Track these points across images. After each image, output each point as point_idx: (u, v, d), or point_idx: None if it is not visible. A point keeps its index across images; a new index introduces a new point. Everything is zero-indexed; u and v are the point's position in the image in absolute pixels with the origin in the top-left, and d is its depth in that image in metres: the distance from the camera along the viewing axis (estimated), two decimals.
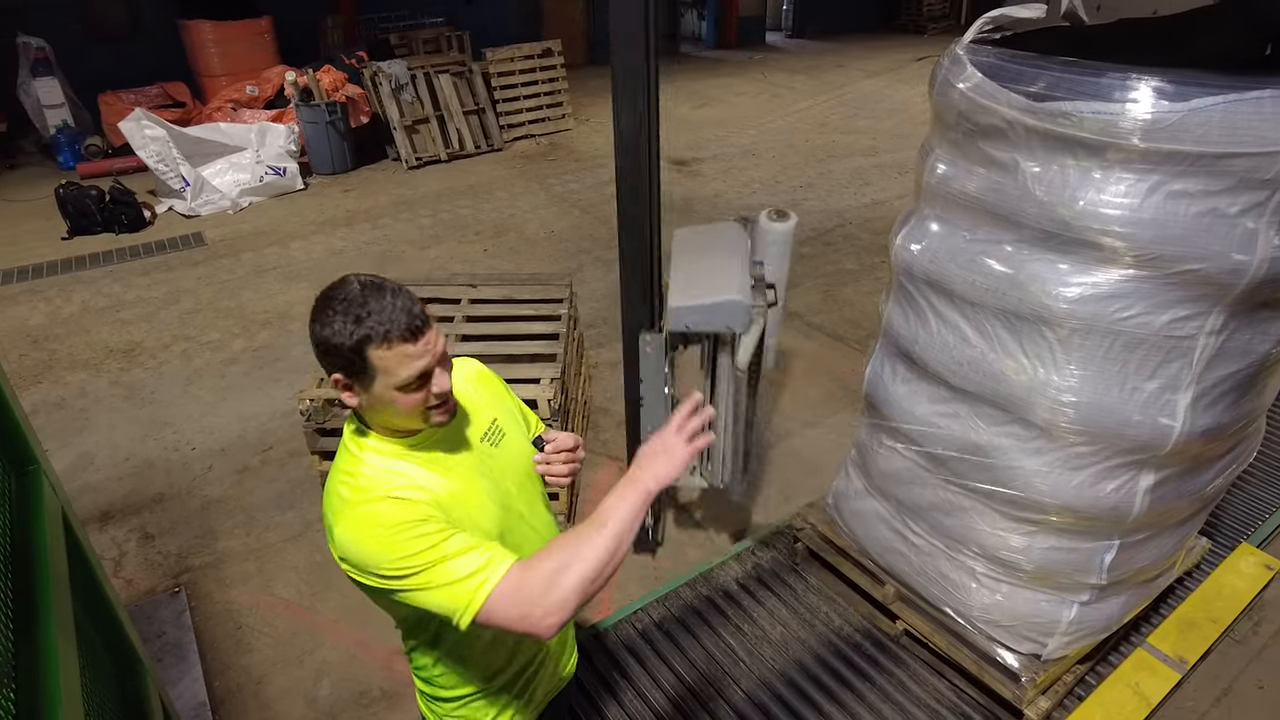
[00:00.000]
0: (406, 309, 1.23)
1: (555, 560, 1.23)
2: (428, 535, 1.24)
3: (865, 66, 13.08)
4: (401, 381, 1.24)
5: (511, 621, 1.22)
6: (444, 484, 1.34)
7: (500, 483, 1.46)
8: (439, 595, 1.23)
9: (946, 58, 2.16)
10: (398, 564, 1.24)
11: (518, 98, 9.35)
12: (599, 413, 4.30)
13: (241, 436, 4.18)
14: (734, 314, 2.49)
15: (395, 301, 1.22)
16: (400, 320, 1.22)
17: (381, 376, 1.24)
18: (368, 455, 1.33)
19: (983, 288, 2.13)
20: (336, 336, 1.21)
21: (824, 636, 2.86)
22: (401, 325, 1.22)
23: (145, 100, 8.74)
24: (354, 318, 1.20)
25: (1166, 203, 1.82)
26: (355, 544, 1.26)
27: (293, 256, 6.41)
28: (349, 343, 1.21)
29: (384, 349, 1.21)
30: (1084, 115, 1.82)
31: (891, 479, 2.62)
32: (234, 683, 2.85)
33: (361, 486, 1.29)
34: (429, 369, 1.27)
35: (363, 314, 1.20)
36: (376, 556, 1.25)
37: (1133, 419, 2.02)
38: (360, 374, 1.24)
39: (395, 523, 1.24)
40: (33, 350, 5.09)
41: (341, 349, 1.21)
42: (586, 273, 5.97)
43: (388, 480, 1.31)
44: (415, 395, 1.27)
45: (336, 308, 1.22)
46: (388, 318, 1.21)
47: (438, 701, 1.57)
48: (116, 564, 3.38)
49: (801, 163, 8.43)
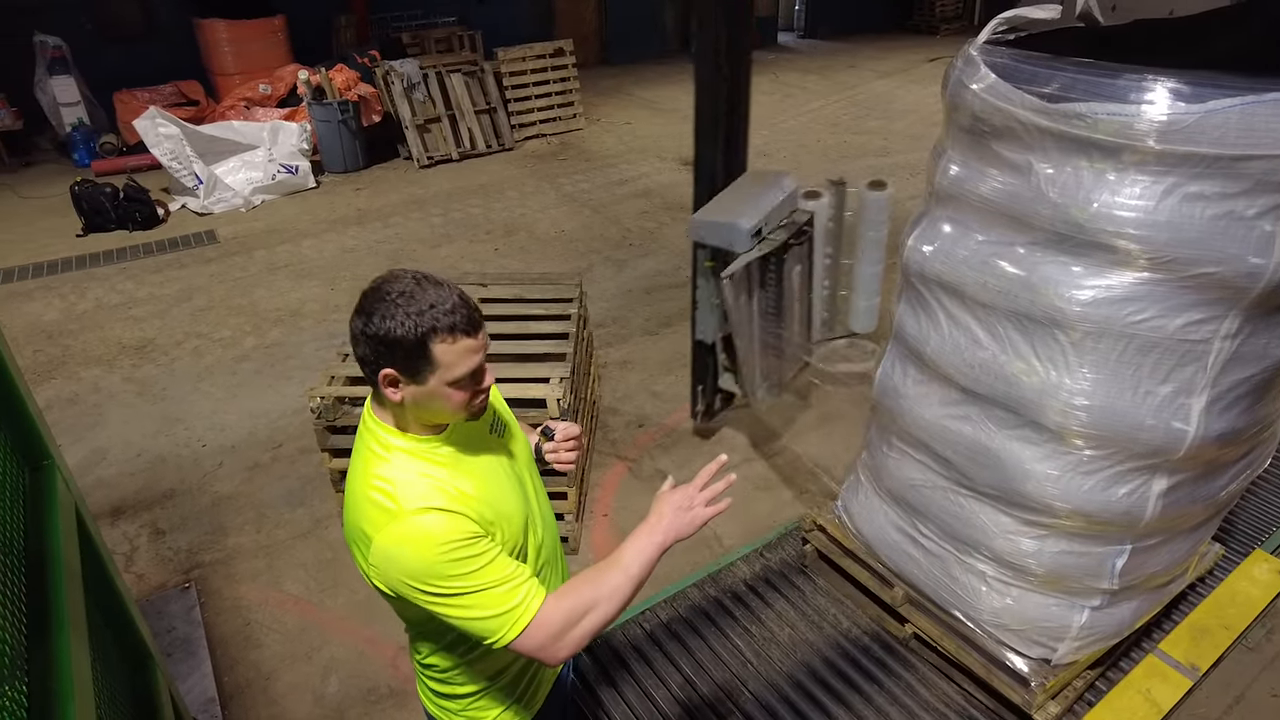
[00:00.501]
0: (466, 302, 1.23)
1: (581, 602, 1.30)
2: (475, 558, 1.26)
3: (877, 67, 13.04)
4: (458, 376, 1.24)
5: (531, 651, 1.30)
6: (472, 484, 1.35)
7: (514, 471, 1.49)
8: (477, 621, 1.27)
9: (960, 58, 2.15)
10: (444, 584, 1.24)
11: (529, 97, 9.36)
12: (608, 412, 4.30)
13: (252, 433, 4.20)
14: (733, 235, 3.15)
15: (454, 295, 1.23)
16: (463, 313, 1.22)
17: (441, 370, 1.23)
18: (396, 457, 1.32)
19: (995, 290, 2.12)
20: (400, 329, 1.19)
21: (832, 639, 2.85)
22: (464, 318, 1.22)
23: (160, 98, 8.81)
24: (417, 310, 1.19)
25: (1182, 205, 1.81)
26: (400, 559, 1.25)
27: (304, 254, 6.44)
28: (413, 335, 1.19)
29: (448, 342, 1.21)
30: (1099, 117, 1.81)
31: (902, 481, 2.61)
32: (243, 678, 2.86)
33: (401, 496, 1.27)
34: (482, 364, 1.28)
35: (425, 306, 1.19)
36: (422, 573, 1.24)
37: (1146, 423, 2.00)
38: (418, 368, 1.23)
39: (445, 541, 1.24)
40: (47, 346, 5.13)
41: (404, 341, 1.20)
42: (596, 272, 5.97)
43: (426, 488, 1.29)
44: (465, 390, 1.27)
45: (397, 300, 1.20)
46: (451, 309, 1.21)
47: (447, 699, 1.57)
48: (128, 559, 3.41)
49: (813, 163, 8.41)
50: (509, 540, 1.38)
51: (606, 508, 3.63)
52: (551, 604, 1.29)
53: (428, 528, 1.24)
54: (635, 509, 3.60)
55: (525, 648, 1.29)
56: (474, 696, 1.55)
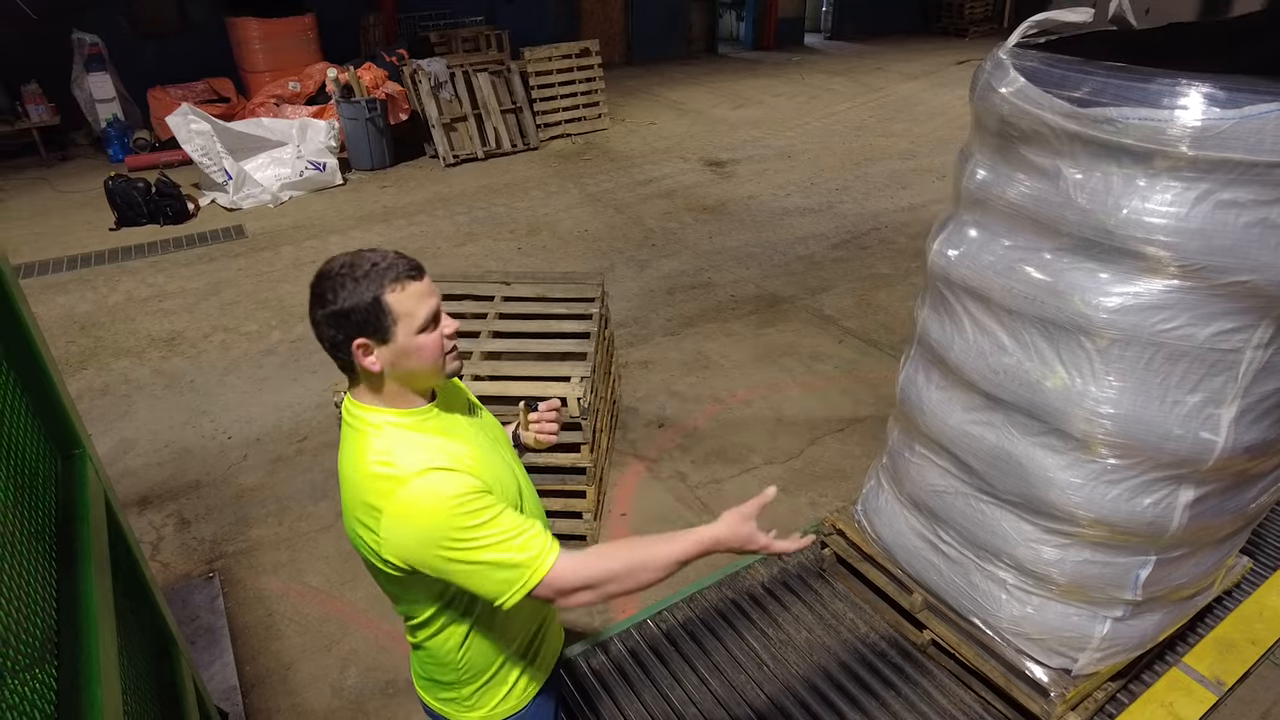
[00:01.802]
0: (402, 256, 1.32)
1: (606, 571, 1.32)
2: (485, 510, 1.28)
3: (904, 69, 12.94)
4: (421, 322, 1.31)
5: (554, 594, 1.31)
6: (468, 450, 1.38)
7: (498, 448, 1.53)
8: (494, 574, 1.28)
9: (989, 61, 2.13)
10: (458, 539, 1.26)
11: (554, 97, 9.40)
12: (627, 412, 4.31)
13: (277, 426, 4.26)
14: None
15: (388, 253, 1.31)
16: (402, 264, 1.30)
17: (403, 321, 1.29)
18: (388, 431, 1.35)
19: (1021, 295, 2.09)
20: (352, 297, 1.26)
21: (849, 643, 2.83)
22: (404, 267, 1.30)
23: (192, 95, 8.95)
24: (362, 273, 1.27)
25: (1215, 212, 1.78)
26: (412, 522, 1.27)
27: (330, 251, 6.48)
28: (367, 297, 1.26)
29: (398, 291, 1.28)
30: (1130, 121, 1.79)
31: (923, 487, 2.59)
32: (264, 668, 2.90)
33: (403, 461, 1.29)
34: (439, 308, 1.35)
35: (368, 268, 1.27)
36: (436, 533, 1.26)
37: (1173, 433, 1.97)
38: (382, 327, 1.29)
39: (453, 494, 1.26)
40: (80, 337, 5.23)
41: (359, 307, 1.27)
42: (619, 272, 5.98)
43: (425, 451, 1.32)
44: (433, 335, 1.33)
45: (341, 274, 1.28)
46: (390, 264, 1.29)
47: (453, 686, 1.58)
48: (154, 548, 3.47)
49: (838, 165, 8.36)
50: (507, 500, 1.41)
51: (625, 507, 3.64)
52: (570, 564, 1.31)
53: (435, 486, 1.27)
54: (653, 509, 3.61)
55: (549, 590, 1.31)
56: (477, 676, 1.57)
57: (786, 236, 6.62)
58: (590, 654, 2.82)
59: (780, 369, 4.69)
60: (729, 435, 4.10)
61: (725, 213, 7.16)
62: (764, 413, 4.28)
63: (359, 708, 2.75)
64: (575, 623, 2.97)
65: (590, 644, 2.85)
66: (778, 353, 4.87)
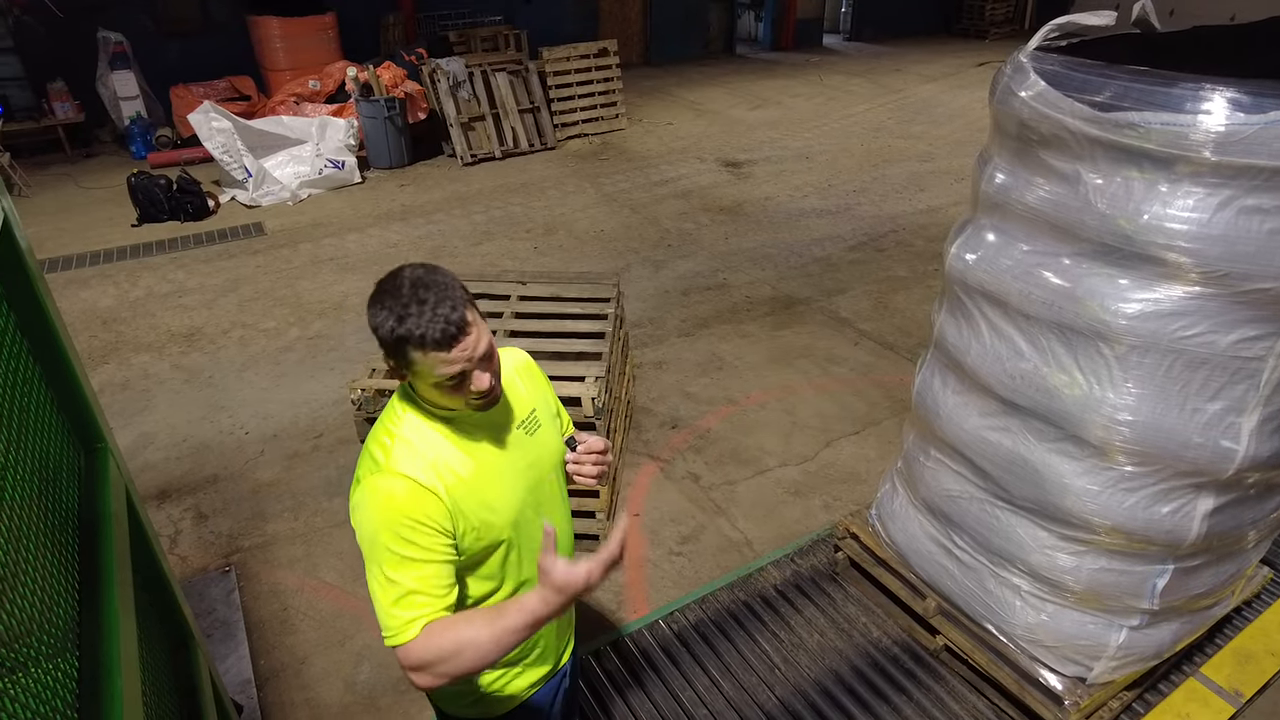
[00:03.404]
0: (445, 317, 1.25)
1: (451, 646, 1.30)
2: (412, 546, 1.32)
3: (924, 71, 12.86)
4: (437, 380, 1.31)
5: (403, 667, 1.35)
6: (468, 464, 1.40)
7: (529, 471, 1.52)
8: (377, 601, 1.34)
9: (1009, 65, 2.12)
10: (376, 549, 1.33)
11: (572, 96, 9.41)
12: (641, 413, 4.31)
13: (294, 422, 4.30)
14: None
15: (436, 310, 1.25)
16: (435, 329, 1.25)
17: (422, 374, 1.31)
18: (409, 419, 1.41)
19: (1039, 300, 2.08)
20: (380, 330, 1.28)
21: (861, 647, 2.83)
22: (436, 334, 1.25)
23: (213, 93, 9.04)
24: (396, 317, 1.26)
25: (1238, 219, 1.76)
26: (364, 507, 1.36)
27: (348, 248, 6.56)
28: (389, 339, 1.28)
29: (419, 352, 1.27)
30: (1152, 126, 1.77)
31: (938, 492, 2.58)
32: (278, 662, 2.93)
33: (394, 455, 1.37)
34: (465, 372, 1.31)
35: (404, 315, 1.25)
36: (370, 529, 1.34)
37: (1192, 441, 1.95)
38: (401, 365, 1.32)
39: (400, 510, 1.32)
40: (102, 332, 5.30)
41: (384, 342, 1.29)
42: (634, 272, 5.98)
43: (417, 457, 1.37)
44: (453, 392, 1.33)
45: (386, 302, 1.27)
46: (426, 323, 1.25)
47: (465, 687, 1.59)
48: (172, 541, 3.51)
49: (855, 167, 8.33)
50: (489, 535, 1.42)
51: (638, 507, 3.64)
52: (424, 641, 1.31)
53: (395, 492, 1.33)
54: (666, 510, 3.61)
55: (400, 660, 1.35)
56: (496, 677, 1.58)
57: (803, 238, 6.60)
58: (602, 654, 2.83)
59: (795, 371, 4.68)
60: (743, 437, 4.10)
61: (742, 214, 7.15)
62: (778, 415, 4.27)
63: (372, 703, 2.77)
64: (589, 622, 2.98)
65: (602, 644, 2.86)
66: (793, 355, 4.85)
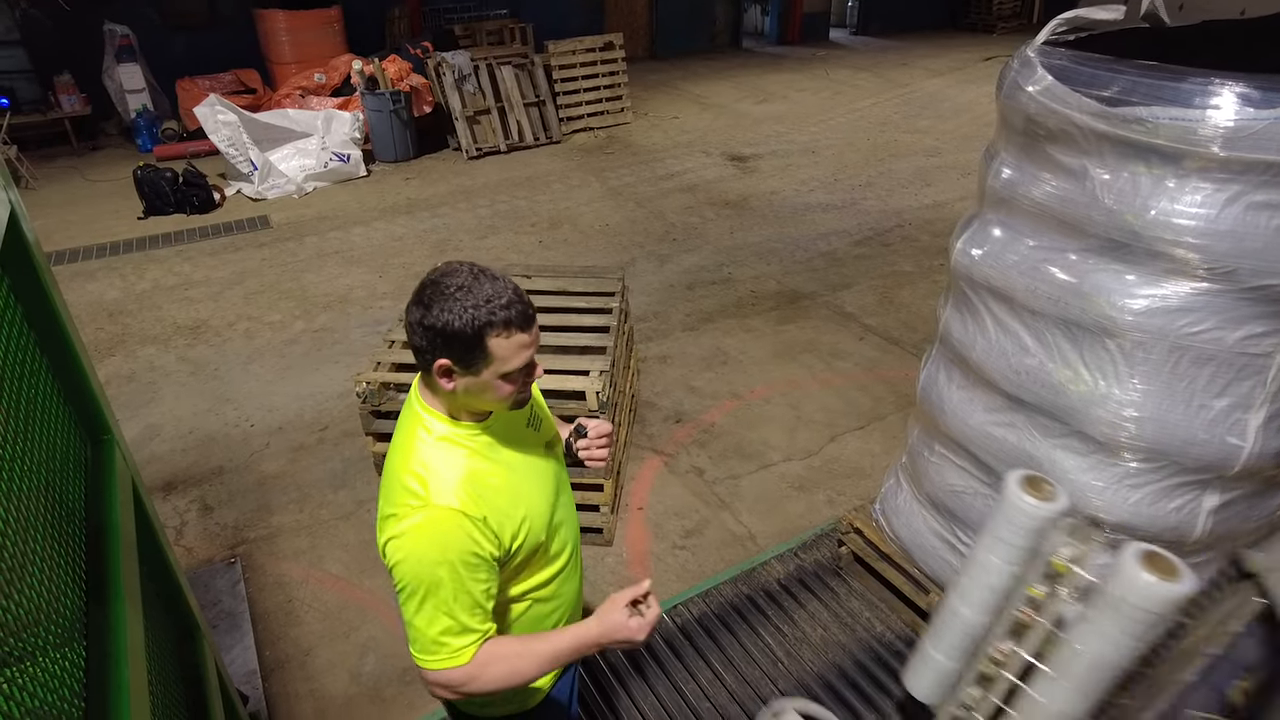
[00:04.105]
0: (521, 298, 1.25)
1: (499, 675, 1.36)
2: (458, 584, 1.31)
3: (930, 65, 12.81)
4: (511, 369, 1.27)
5: (431, 684, 1.39)
6: (502, 476, 1.39)
7: (546, 466, 1.52)
8: (418, 630, 1.34)
9: (1016, 59, 2.11)
10: (421, 584, 1.30)
11: (578, 90, 9.40)
12: (645, 407, 4.32)
13: (299, 415, 4.31)
14: None
15: (510, 290, 1.24)
16: (518, 308, 1.24)
17: (495, 364, 1.26)
18: (434, 443, 1.36)
19: (1044, 296, 2.07)
20: (458, 321, 1.21)
21: (864, 642, 2.83)
22: (519, 313, 1.24)
23: (219, 86, 9.05)
24: (473, 303, 1.21)
25: (1246, 214, 1.75)
26: (407, 545, 1.31)
27: (354, 242, 6.56)
28: (470, 329, 1.21)
29: (503, 337, 1.23)
30: (1160, 121, 1.76)
31: (942, 487, 2.58)
32: (284, 653, 2.94)
33: (433, 489, 1.32)
34: (533, 358, 1.31)
35: (482, 300, 1.21)
36: (414, 565, 1.30)
37: (1198, 437, 1.95)
38: (474, 361, 1.25)
39: (452, 544, 1.30)
40: (108, 324, 5.32)
41: (461, 334, 1.22)
42: (639, 266, 5.98)
43: (456, 484, 1.33)
44: (515, 383, 1.31)
45: (455, 294, 1.22)
46: (507, 303, 1.22)
47: None
48: (178, 532, 3.52)
49: (861, 161, 8.30)
50: (532, 536, 1.42)
51: (642, 501, 3.65)
52: (478, 666, 1.35)
53: (445, 529, 1.30)
54: (670, 503, 3.61)
55: (429, 679, 1.38)
56: None
57: (808, 232, 6.59)
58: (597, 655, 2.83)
59: (800, 366, 4.68)
60: (747, 431, 4.10)
61: (747, 208, 7.13)
62: (783, 409, 4.27)
63: (376, 694, 2.78)
64: None
65: None
66: (798, 349, 4.85)
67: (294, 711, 2.73)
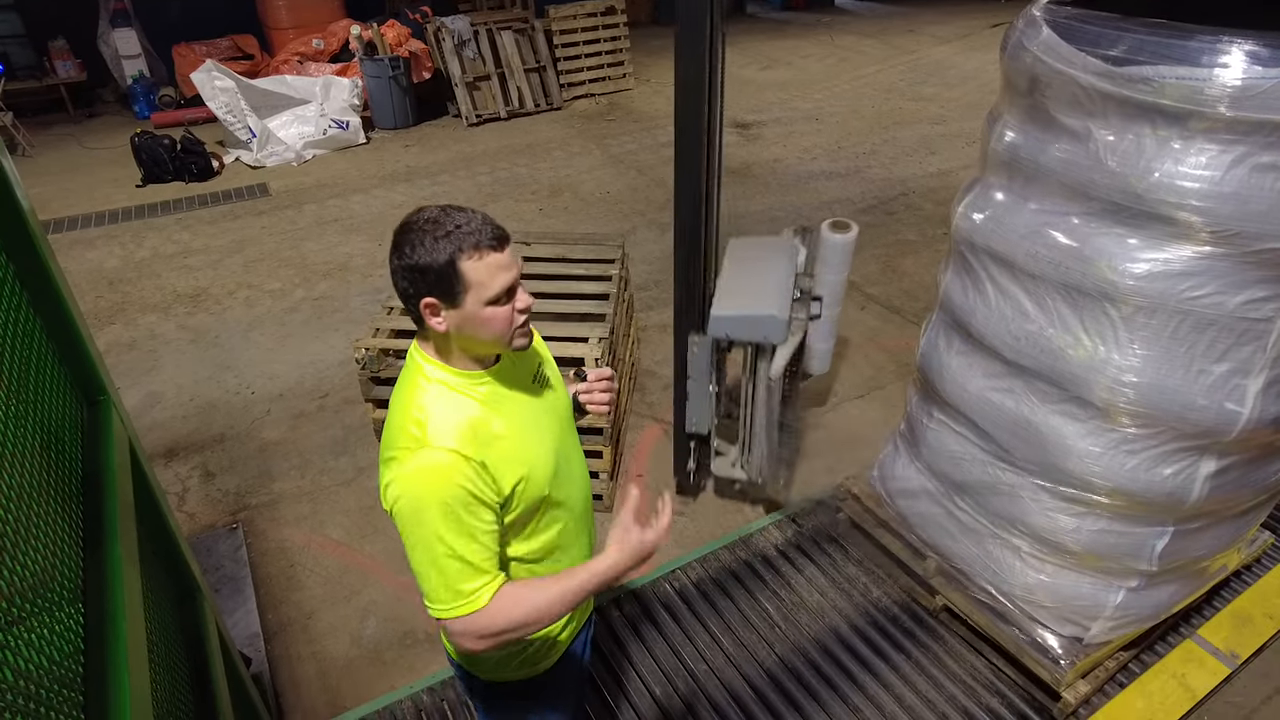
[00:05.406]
0: (489, 221, 1.29)
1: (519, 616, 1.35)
2: (464, 523, 1.30)
3: (937, 32, 12.59)
4: (493, 294, 1.28)
5: (454, 635, 1.37)
6: (503, 425, 1.39)
7: (550, 421, 1.52)
8: (429, 580, 1.33)
9: (1021, 19, 2.07)
10: (425, 529, 1.30)
11: (579, 56, 9.26)
12: (646, 375, 4.31)
13: (299, 382, 4.31)
14: (771, 328, 2.64)
15: (476, 215, 1.28)
16: (487, 230, 1.27)
17: (474, 290, 1.27)
18: (436, 389, 1.37)
19: (1046, 260, 2.06)
20: (428, 254, 1.25)
21: (862, 607, 2.85)
22: (489, 234, 1.27)
23: (216, 52, 8.93)
24: (443, 233, 1.25)
25: (1251, 176, 1.73)
26: (406, 486, 1.31)
27: (353, 209, 6.52)
28: (442, 258, 1.25)
29: (475, 259, 1.25)
30: (1166, 81, 1.73)
31: (940, 454, 2.58)
32: (286, 617, 2.98)
33: (432, 430, 1.32)
34: (515, 282, 1.32)
35: (450, 228, 1.25)
36: (415, 508, 1.30)
37: (1197, 403, 1.94)
38: (452, 292, 1.27)
39: (450, 485, 1.29)
40: (108, 292, 5.31)
41: (433, 266, 1.25)
42: (640, 235, 5.94)
43: (456, 427, 1.33)
44: (503, 310, 1.31)
45: (424, 229, 1.26)
46: (476, 228, 1.26)
47: None
48: (180, 498, 3.55)
49: (865, 129, 8.20)
50: (532, 491, 1.41)
51: (641, 468, 3.66)
52: (496, 607, 1.33)
53: (443, 467, 1.29)
54: (669, 470, 3.62)
55: (451, 629, 1.36)
56: None
57: (812, 200, 6.53)
58: (605, 610, 2.86)
59: None
60: None
61: (750, 175, 7.06)
62: None
63: (377, 656, 2.82)
64: None
65: (605, 600, 2.90)
66: None
67: (296, 674, 2.77)
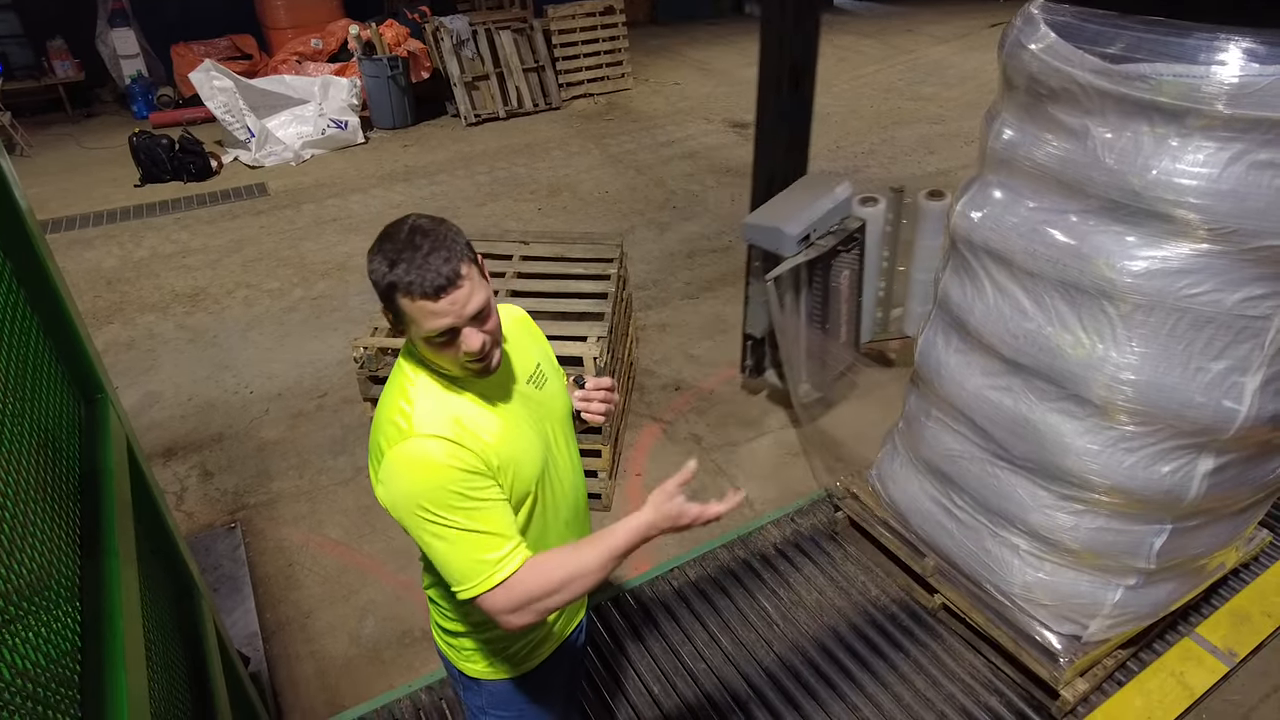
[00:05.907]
0: (436, 268, 1.23)
1: (559, 577, 1.31)
2: (469, 496, 1.28)
3: (936, 31, 12.60)
4: (425, 333, 1.27)
5: (492, 611, 1.32)
6: (490, 422, 1.37)
7: (543, 424, 1.49)
8: (451, 563, 1.30)
9: (1019, 17, 2.07)
10: (432, 513, 1.28)
11: (578, 56, 9.26)
12: (644, 374, 4.32)
13: (298, 382, 4.31)
14: (779, 239, 3.29)
15: (429, 258, 1.23)
16: (426, 278, 1.23)
17: (412, 325, 1.28)
18: (421, 383, 1.36)
19: (1044, 258, 2.06)
20: (373, 275, 1.27)
21: (860, 605, 2.85)
22: (426, 283, 1.23)
23: (214, 52, 8.93)
24: (389, 262, 1.24)
25: (1249, 174, 1.73)
26: (402, 476, 1.29)
27: (352, 209, 6.52)
28: (381, 284, 1.26)
29: (407, 300, 1.24)
30: (1164, 79, 1.73)
31: (938, 451, 2.58)
32: (284, 616, 2.98)
33: (417, 420, 1.31)
34: (454, 327, 1.27)
35: (397, 260, 1.24)
36: (416, 495, 1.28)
37: (1195, 400, 1.94)
38: (398, 318, 1.29)
39: (445, 467, 1.27)
40: (106, 292, 5.31)
41: (377, 286, 1.27)
42: (638, 234, 5.94)
43: (442, 418, 1.32)
44: (444, 349, 1.29)
45: (384, 247, 1.26)
46: (416, 271, 1.22)
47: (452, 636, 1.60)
48: (178, 498, 3.54)
49: (865, 129, 8.21)
50: (518, 489, 1.40)
51: (640, 467, 3.66)
52: (529, 572, 1.31)
53: (431, 452, 1.28)
54: (667, 470, 3.61)
55: (488, 606, 1.31)
56: (474, 634, 1.57)
57: None
58: (604, 609, 2.86)
59: None
60: (745, 399, 4.10)
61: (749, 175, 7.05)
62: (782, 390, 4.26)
63: (375, 655, 2.82)
64: None
65: (604, 599, 2.90)
66: None
67: (294, 673, 2.76)
